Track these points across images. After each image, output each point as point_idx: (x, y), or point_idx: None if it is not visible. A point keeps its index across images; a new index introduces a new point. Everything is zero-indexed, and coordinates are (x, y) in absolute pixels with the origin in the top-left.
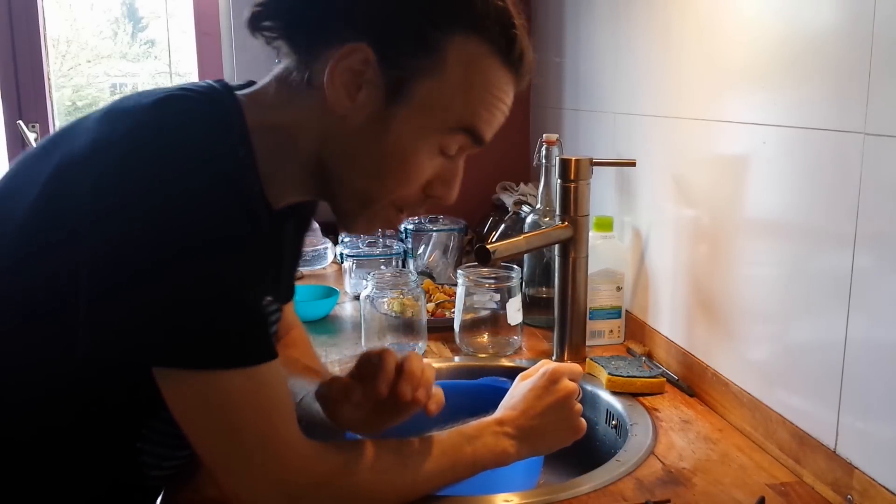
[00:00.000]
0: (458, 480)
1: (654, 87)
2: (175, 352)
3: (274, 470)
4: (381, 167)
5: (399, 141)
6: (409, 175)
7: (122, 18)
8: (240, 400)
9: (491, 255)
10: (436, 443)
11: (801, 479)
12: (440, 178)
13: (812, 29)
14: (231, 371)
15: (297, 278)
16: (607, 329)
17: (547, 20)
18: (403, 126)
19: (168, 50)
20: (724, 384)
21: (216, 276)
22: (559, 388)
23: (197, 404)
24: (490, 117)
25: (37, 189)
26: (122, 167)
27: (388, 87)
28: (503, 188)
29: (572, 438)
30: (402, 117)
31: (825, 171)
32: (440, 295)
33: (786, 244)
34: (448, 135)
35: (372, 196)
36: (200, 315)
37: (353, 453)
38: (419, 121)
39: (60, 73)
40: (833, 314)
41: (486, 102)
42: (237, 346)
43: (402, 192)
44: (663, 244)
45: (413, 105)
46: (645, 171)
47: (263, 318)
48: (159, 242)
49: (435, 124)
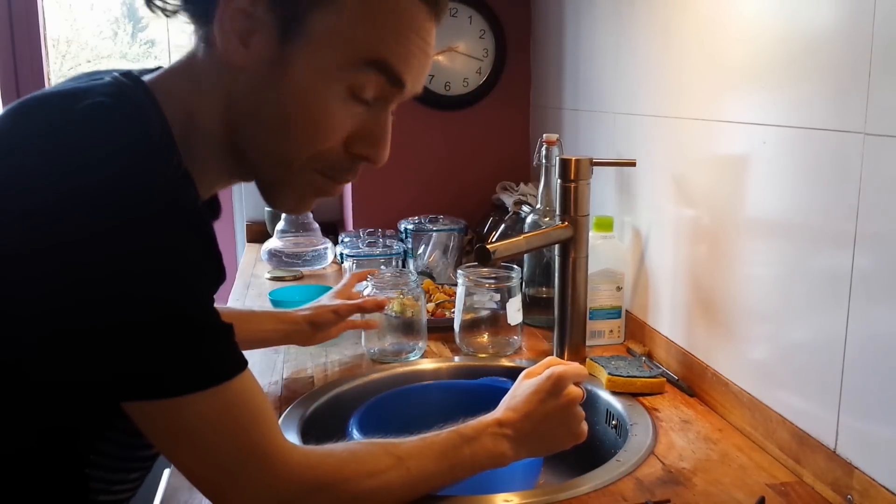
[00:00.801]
0: (457, 481)
1: (655, 86)
2: (140, 385)
3: (263, 482)
4: (287, 119)
5: (299, 84)
6: (318, 124)
7: (122, 18)
8: (217, 419)
9: (491, 255)
10: (434, 444)
11: (801, 479)
12: (362, 134)
13: (812, 29)
14: (202, 392)
15: (298, 278)
16: (607, 329)
17: (547, 20)
18: (302, 66)
19: (168, 50)
20: (724, 384)
21: (165, 297)
22: (564, 393)
23: (174, 431)
24: (404, 52)
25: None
26: (41, 183)
27: (282, 25)
28: (503, 188)
29: (572, 443)
30: (299, 57)
31: (825, 171)
32: (440, 295)
33: (786, 244)
34: (355, 72)
35: (286, 156)
36: (157, 343)
37: (347, 456)
38: (318, 58)
39: (60, 73)
40: (833, 314)
41: (398, 35)
42: (203, 366)
43: (316, 147)
44: (663, 244)
45: (309, 41)
46: (645, 171)
47: (224, 329)
48: (103, 273)
49: (336, 59)
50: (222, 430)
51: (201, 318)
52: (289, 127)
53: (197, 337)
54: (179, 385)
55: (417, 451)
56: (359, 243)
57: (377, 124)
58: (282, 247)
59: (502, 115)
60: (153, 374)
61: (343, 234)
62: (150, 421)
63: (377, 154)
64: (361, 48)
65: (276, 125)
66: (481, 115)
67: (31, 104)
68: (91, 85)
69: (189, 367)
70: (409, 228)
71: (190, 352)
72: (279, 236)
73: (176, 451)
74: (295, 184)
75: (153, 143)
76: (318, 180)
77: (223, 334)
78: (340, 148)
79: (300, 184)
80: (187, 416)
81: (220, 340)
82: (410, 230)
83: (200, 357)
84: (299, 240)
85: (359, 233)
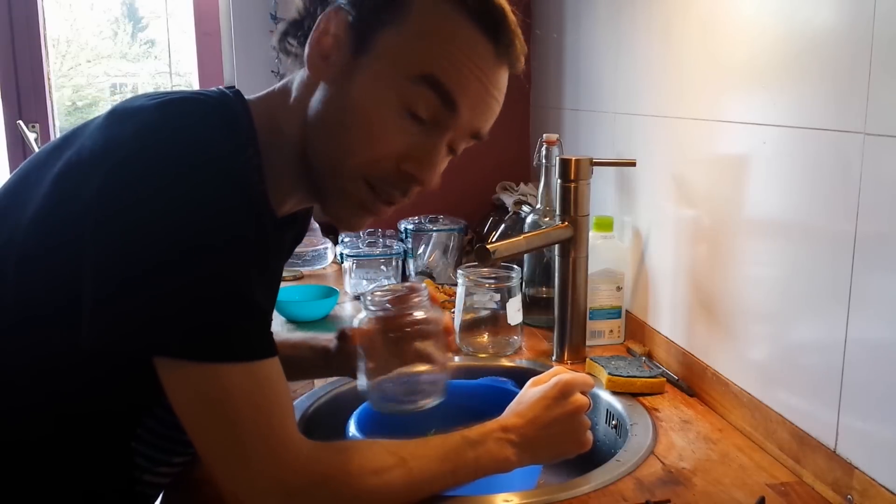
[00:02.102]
0: (459, 485)
1: (655, 86)
2: (179, 343)
3: (270, 467)
4: (345, 124)
5: (360, 94)
6: (371, 132)
7: (122, 18)
8: (239, 394)
9: (491, 255)
10: (438, 446)
11: (801, 479)
12: (414, 153)
13: (812, 28)
14: (232, 365)
15: (298, 278)
16: (607, 329)
17: (547, 20)
18: (365, 78)
19: (168, 50)
20: (723, 384)
21: (224, 274)
22: (570, 402)
23: (197, 397)
24: (455, 73)
25: (44, 190)
26: (130, 166)
27: (355, 43)
28: (503, 188)
29: (577, 452)
30: (365, 70)
31: (825, 171)
32: (440, 295)
33: (786, 244)
34: (409, 85)
35: (339, 161)
36: (206, 309)
37: (352, 453)
38: (378, 71)
39: (60, 73)
40: (833, 314)
41: (451, 56)
42: (240, 341)
43: (367, 154)
44: (663, 244)
45: (374, 56)
46: (645, 171)
47: (266, 317)
48: (168, 241)
49: (392, 73)
50: (247, 406)
51: (252, 300)
52: (346, 132)
53: (243, 314)
54: (217, 352)
55: (421, 453)
56: (359, 243)
57: (429, 146)
58: None
59: (502, 115)
60: (197, 335)
61: (343, 233)
62: (180, 383)
63: (424, 175)
64: (415, 63)
65: (336, 130)
66: None
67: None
68: (197, 94)
69: (229, 338)
70: (409, 228)
71: (233, 325)
72: None
73: (198, 419)
74: (343, 191)
75: (242, 156)
76: (364, 191)
77: (264, 320)
78: (391, 164)
79: (347, 192)
80: (215, 386)
81: (260, 323)
82: (410, 230)
83: (242, 333)
84: None
85: (359, 233)
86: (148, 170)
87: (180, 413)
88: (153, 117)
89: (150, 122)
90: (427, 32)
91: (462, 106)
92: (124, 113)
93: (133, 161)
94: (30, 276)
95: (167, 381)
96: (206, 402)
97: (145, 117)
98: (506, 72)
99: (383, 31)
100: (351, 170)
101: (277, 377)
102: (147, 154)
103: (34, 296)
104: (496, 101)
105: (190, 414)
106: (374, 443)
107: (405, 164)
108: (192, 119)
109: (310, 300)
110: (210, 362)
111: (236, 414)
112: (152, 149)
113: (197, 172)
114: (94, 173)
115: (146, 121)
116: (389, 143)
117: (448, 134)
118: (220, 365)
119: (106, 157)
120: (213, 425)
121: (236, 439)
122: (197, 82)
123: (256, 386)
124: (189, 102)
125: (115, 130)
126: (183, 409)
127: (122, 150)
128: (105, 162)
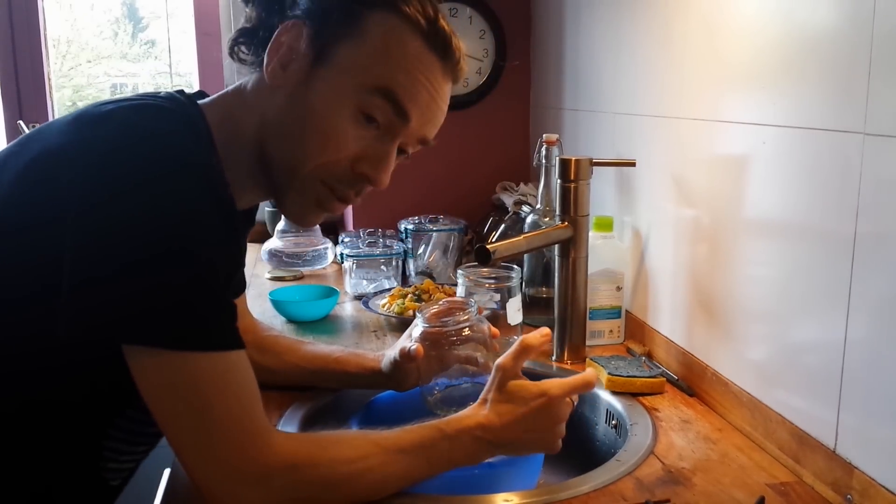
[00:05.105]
0: (433, 475)
1: (654, 87)
2: (148, 330)
3: (239, 453)
4: (303, 129)
5: (319, 101)
6: (328, 136)
7: (123, 18)
8: (207, 383)
9: (491, 255)
10: (414, 436)
11: (800, 478)
12: (368, 156)
13: (812, 29)
14: (201, 353)
15: (298, 278)
16: (607, 329)
17: (547, 20)
18: (324, 85)
19: (168, 50)
20: (723, 384)
21: (196, 269)
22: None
23: (166, 384)
24: (411, 88)
25: (11, 178)
26: (109, 164)
27: (315, 55)
28: (503, 188)
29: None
30: (323, 77)
31: (825, 171)
32: (440, 295)
33: (785, 244)
34: (366, 96)
35: (297, 162)
36: (177, 299)
37: (325, 443)
38: (337, 81)
39: (61, 73)
40: (833, 314)
41: (406, 71)
42: (209, 330)
43: (324, 157)
44: (663, 244)
45: (333, 67)
46: (645, 171)
47: (234, 310)
48: (145, 238)
49: (351, 83)
50: (211, 394)
51: (222, 293)
52: (304, 136)
53: (212, 305)
54: (186, 340)
55: (396, 444)
56: (359, 243)
57: (381, 150)
58: (282, 247)
59: (502, 115)
60: (166, 323)
61: (343, 234)
62: (149, 371)
63: (377, 175)
64: (373, 76)
65: (294, 134)
66: (481, 115)
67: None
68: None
69: (198, 327)
70: (410, 228)
71: (203, 315)
72: (279, 236)
73: (167, 407)
74: (301, 190)
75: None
76: (321, 191)
77: (232, 313)
78: (346, 164)
79: (305, 191)
80: (184, 373)
81: (228, 316)
82: (410, 230)
83: (210, 322)
84: (299, 240)
85: (359, 233)
86: (128, 166)
87: (149, 401)
88: (132, 119)
89: (129, 122)
90: (383, 48)
91: (413, 115)
92: (94, 116)
93: (111, 160)
94: (2, 260)
95: (137, 370)
96: (174, 390)
97: (123, 118)
98: (451, 85)
99: (340, 45)
100: (309, 172)
101: (244, 368)
102: (128, 151)
103: (7, 280)
104: (442, 111)
105: (159, 401)
106: (349, 432)
107: (360, 166)
108: (164, 124)
109: (310, 300)
110: (180, 350)
111: (205, 401)
112: (133, 147)
113: (172, 174)
114: (70, 166)
115: (125, 121)
116: (346, 148)
117: (399, 139)
118: (190, 353)
119: (82, 153)
120: (180, 413)
121: (205, 426)
122: (197, 82)
123: (225, 374)
124: (156, 109)
125: (88, 130)
126: (152, 397)
127: (105, 145)
128: (83, 156)
